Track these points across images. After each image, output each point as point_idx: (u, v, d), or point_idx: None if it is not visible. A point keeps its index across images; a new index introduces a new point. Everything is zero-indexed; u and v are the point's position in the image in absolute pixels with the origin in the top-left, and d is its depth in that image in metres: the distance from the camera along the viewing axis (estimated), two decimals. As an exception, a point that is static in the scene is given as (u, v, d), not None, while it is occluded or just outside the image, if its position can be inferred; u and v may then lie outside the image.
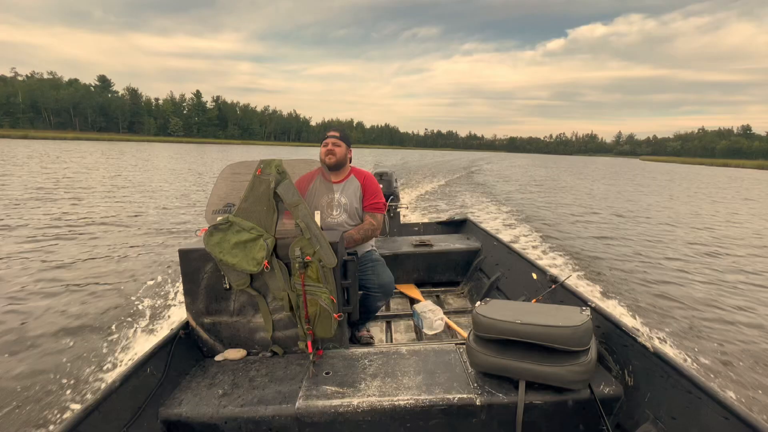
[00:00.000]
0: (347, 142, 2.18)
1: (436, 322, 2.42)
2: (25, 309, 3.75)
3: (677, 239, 7.96)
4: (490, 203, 11.60)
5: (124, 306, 3.76)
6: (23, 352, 3.03)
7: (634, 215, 11.02)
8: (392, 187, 3.85)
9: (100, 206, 8.82)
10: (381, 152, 69.62)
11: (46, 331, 3.32)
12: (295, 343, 1.70)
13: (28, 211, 8.00)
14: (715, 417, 1.10)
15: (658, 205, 13.63)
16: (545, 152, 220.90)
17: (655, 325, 3.77)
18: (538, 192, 16.12)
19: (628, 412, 1.36)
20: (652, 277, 5.34)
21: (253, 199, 1.60)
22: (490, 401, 1.34)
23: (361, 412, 1.33)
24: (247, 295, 1.66)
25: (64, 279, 4.48)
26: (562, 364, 1.31)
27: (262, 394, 1.41)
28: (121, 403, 1.27)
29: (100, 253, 5.46)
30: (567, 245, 6.82)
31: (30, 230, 6.55)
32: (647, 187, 21.41)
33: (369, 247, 2.26)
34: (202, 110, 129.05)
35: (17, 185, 11.24)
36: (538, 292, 2.08)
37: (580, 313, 1.38)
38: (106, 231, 6.79)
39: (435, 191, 13.75)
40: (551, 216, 10.13)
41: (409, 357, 1.61)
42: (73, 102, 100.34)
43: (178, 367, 1.56)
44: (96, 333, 3.28)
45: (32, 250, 5.50)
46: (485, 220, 8.57)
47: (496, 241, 3.11)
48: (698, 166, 78.96)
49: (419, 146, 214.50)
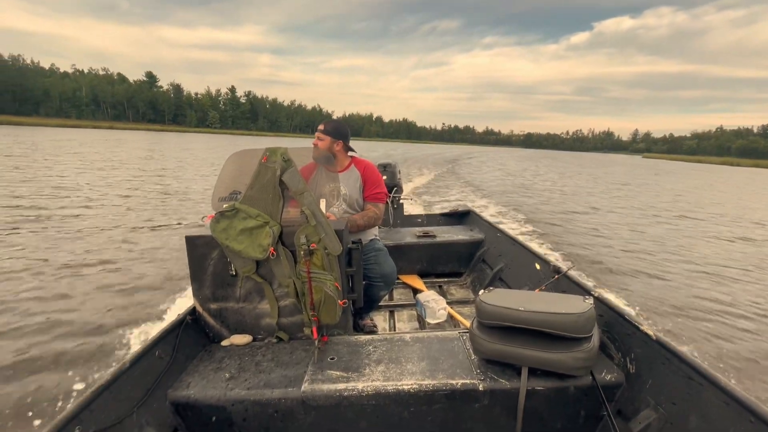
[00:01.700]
0: (334, 135, 2.10)
1: (439, 312, 2.38)
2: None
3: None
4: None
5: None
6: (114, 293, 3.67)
7: (554, 199, 11.78)
8: (396, 178, 3.81)
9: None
10: (392, 146, 71.12)
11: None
12: (301, 329, 1.69)
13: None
14: (715, 402, 1.10)
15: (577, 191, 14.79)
16: (561, 149, 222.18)
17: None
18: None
19: (629, 398, 1.35)
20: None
21: (259, 187, 1.58)
22: (493, 387, 1.34)
23: (366, 396, 1.33)
24: (253, 282, 1.65)
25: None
26: (565, 351, 1.30)
27: (268, 378, 1.41)
28: (130, 384, 1.29)
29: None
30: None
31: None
32: (598, 180, 21.66)
33: (372, 236, 2.22)
34: (236, 104, 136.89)
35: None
36: (541, 282, 2.03)
37: (583, 302, 1.35)
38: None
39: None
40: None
41: (413, 344, 1.60)
42: (127, 96, 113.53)
43: (186, 351, 1.57)
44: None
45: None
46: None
47: (499, 233, 3.07)
48: (703, 165, 78.19)
49: (436, 140, 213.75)
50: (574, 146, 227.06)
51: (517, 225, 7.56)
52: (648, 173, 32.40)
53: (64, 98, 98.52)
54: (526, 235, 6.57)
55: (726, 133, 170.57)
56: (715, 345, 3.33)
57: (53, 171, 11.69)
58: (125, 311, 3.39)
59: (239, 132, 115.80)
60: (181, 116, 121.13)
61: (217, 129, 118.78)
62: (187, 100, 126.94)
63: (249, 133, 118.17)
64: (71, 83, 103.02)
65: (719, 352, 3.20)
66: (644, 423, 1.25)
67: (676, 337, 3.39)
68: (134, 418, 1.23)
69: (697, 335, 3.49)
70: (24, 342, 2.85)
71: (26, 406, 2.21)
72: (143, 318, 3.23)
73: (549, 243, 6.36)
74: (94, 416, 1.13)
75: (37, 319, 3.17)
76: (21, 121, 68.05)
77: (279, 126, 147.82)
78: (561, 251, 5.89)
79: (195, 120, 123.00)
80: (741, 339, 3.47)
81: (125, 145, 27.63)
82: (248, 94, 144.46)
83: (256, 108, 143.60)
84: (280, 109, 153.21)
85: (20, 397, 2.28)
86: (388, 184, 3.27)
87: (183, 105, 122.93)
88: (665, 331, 3.45)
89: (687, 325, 3.69)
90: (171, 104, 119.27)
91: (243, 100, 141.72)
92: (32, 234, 5.47)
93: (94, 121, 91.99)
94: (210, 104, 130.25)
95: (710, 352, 3.20)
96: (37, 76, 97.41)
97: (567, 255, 5.68)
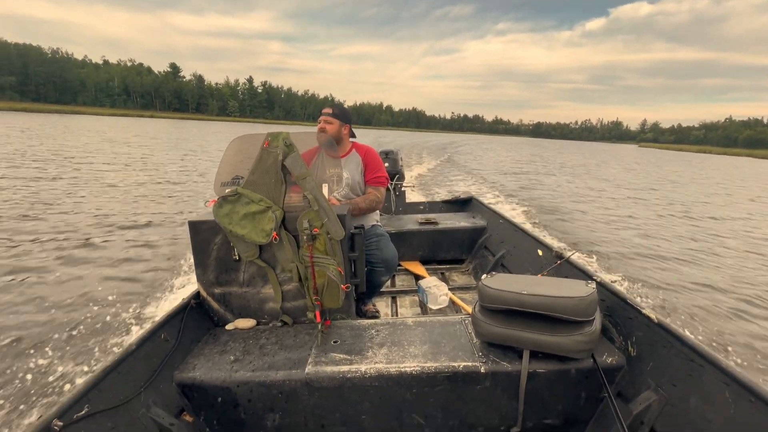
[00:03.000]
0: (342, 119, 2.07)
1: (440, 297, 2.36)
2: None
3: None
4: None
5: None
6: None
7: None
8: (398, 165, 3.82)
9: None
10: (398, 134, 73.45)
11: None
12: (304, 313, 1.67)
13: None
14: (715, 383, 1.09)
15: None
16: (570, 138, 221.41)
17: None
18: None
19: (629, 380, 1.35)
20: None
21: (261, 172, 1.56)
22: (495, 369, 1.33)
23: (369, 377, 1.32)
24: (257, 267, 1.63)
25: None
26: (566, 334, 1.29)
27: (272, 360, 1.40)
28: (137, 366, 1.29)
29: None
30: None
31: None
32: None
33: (374, 222, 2.18)
34: (254, 94, 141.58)
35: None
36: (544, 268, 2.01)
37: (585, 286, 1.34)
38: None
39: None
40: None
41: (415, 328, 1.58)
42: (154, 86, 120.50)
43: (190, 335, 1.56)
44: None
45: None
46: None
47: (501, 219, 3.02)
48: (696, 154, 78.95)
49: (445, 129, 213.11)
50: (582, 136, 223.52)
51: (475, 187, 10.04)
52: (615, 159, 34.94)
53: (99, 88, 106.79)
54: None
55: (734, 123, 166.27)
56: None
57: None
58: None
59: (257, 120, 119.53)
60: (204, 105, 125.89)
61: (236, 117, 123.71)
62: (208, 89, 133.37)
63: (267, 121, 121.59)
64: (104, 74, 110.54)
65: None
66: (644, 404, 1.25)
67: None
68: (141, 398, 1.24)
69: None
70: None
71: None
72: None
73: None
74: (102, 395, 1.13)
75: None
76: (62, 110, 73.86)
77: (294, 114, 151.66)
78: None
79: (216, 109, 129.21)
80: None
81: (185, 133, 30.61)
82: (264, 84, 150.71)
83: (272, 97, 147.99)
84: (294, 99, 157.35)
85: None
86: (390, 172, 3.25)
87: (205, 95, 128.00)
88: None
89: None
90: (195, 94, 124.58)
91: (260, 89, 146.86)
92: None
93: (125, 109, 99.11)
94: (230, 94, 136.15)
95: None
96: (72, 67, 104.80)
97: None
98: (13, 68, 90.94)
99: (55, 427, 0.97)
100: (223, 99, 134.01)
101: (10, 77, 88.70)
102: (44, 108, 73.17)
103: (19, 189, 7.07)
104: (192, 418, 1.37)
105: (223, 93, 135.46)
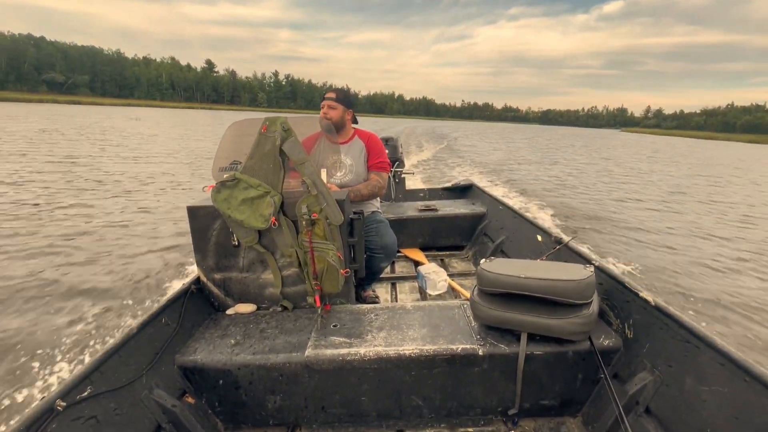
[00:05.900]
0: (346, 104, 1.97)
1: (439, 283, 2.31)
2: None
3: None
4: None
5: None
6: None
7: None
8: (398, 152, 3.75)
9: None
10: (407, 122, 73.17)
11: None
12: (304, 298, 1.64)
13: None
14: (711, 363, 1.07)
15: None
16: (577, 125, 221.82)
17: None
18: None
19: (626, 362, 1.33)
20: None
21: (259, 157, 1.50)
22: (492, 351, 1.31)
23: (368, 360, 1.30)
24: (256, 252, 1.59)
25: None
26: (564, 317, 1.27)
27: (272, 344, 1.38)
28: (138, 349, 1.26)
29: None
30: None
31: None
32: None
33: (374, 207, 2.09)
34: (279, 86, 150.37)
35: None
36: (543, 253, 1.95)
37: (583, 269, 1.31)
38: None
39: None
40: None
41: (414, 312, 1.55)
42: (195, 81, 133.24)
43: (191, 319, 1.53)
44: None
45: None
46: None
47: (501, 206, 2.94)
48: (681, 138, 75.77)
49: (455, 117, 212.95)
50: (587, 123, 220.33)
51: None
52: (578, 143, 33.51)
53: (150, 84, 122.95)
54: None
55: (734, 109, 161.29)
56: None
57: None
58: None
59: (283, 110, 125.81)
60: (237, 97, 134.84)
61: (264, 108, 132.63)
62: (240, 83, 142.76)
63: (291, 110, 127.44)
64: (153, 71, 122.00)
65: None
66: (640, 384, 1.23)
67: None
68: (144, 380, 1.22)
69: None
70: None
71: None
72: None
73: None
74: (104, 377, 1.12)
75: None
76: (129, 103, 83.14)
77: (314, 104, 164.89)
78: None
79: (247, 100, 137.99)
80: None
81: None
82: (288, 77, 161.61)
83: (295, 89, 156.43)
84: (314, 90, 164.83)
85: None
86: (390, 158, 3.16)
87: (238, 88, 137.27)
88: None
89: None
90: (229, 87, 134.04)
91: (284, 82, 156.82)
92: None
93: (172, 102, 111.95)
94: (258, 87, 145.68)
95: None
96: (127, 65, 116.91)
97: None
98: (84, 68, 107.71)
99: (59, 408, 0.94)
100: (253, 91, 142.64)
101: (85, 75, 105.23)
102: (116, 102, 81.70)
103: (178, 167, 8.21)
104: (194, 400, 1.36)
105: (253, 86, 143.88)
